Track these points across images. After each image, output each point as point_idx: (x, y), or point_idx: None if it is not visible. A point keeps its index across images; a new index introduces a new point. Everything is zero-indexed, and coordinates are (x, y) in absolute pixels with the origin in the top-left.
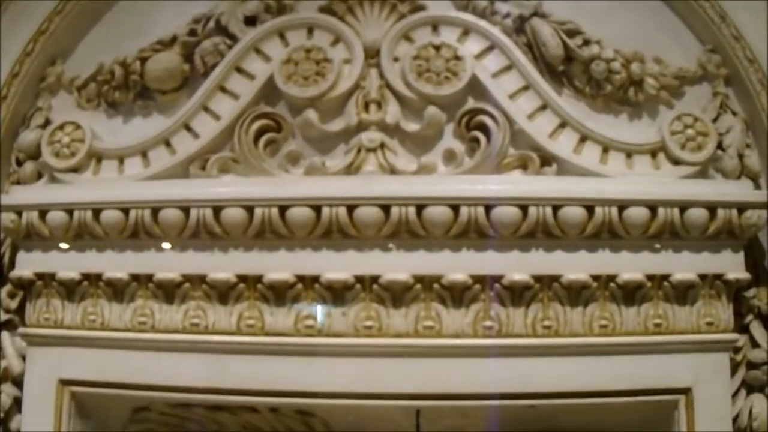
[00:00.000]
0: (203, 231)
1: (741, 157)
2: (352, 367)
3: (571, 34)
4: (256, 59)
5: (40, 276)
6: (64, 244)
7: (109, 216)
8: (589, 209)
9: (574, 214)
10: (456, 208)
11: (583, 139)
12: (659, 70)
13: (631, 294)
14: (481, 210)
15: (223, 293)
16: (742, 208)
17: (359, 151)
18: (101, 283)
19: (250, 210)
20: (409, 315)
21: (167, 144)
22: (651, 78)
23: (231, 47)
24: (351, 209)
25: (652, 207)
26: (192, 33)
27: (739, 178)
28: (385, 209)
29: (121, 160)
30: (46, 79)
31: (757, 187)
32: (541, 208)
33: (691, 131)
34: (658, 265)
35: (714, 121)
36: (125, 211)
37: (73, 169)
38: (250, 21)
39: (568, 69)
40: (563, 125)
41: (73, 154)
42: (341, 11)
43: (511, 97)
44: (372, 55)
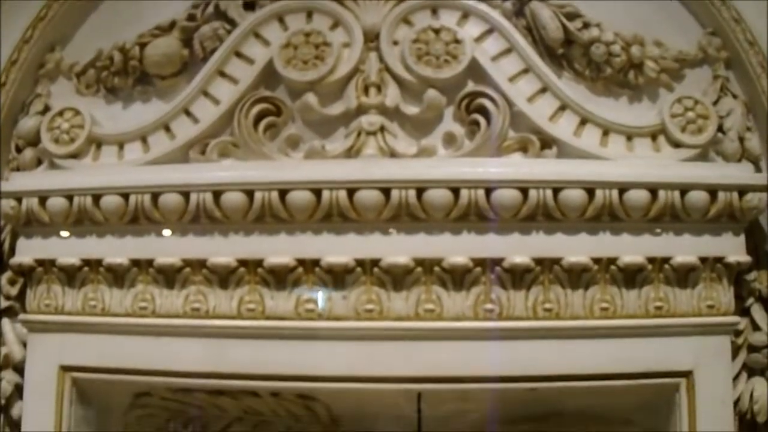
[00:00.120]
0: (203, 215)
1: (741, 140)
2: (353, 351)
3: (571, 17)
4: (256, 44)
5: (40, 262)
6: (64, 232)
7: (109, 201)
8: (590, 192)
9: (574, 196)
10: (456, 191)
11: (584, 121)
12: (659, 53)
13: (631, 277)
14: (481, 193)
15: (223, 278)
16: (742, 191)
17: (359, 134)
18: (101, 268)
19: (250, 194)
20: (410, 298)
21: (167, 129)
22: (651, 61)
23: (230, 32)
24: (351, 192)
25: (653, 190)
26: (191, 18)
27: (739, 161)
28: (386, 192)
29: (120, 146)
30: (45, 65)
31: (758, 170)
32: (541, 191)
33: (691, 114)
34: (659, 248)
35: (714, 104)
36: (125, 196)
37: (73, 155)
38: (249, 6)
39: (567, 52)
40: (563, 108)
41: (72, 140)
42: None
43: (510, 80)
44: (371, 38)
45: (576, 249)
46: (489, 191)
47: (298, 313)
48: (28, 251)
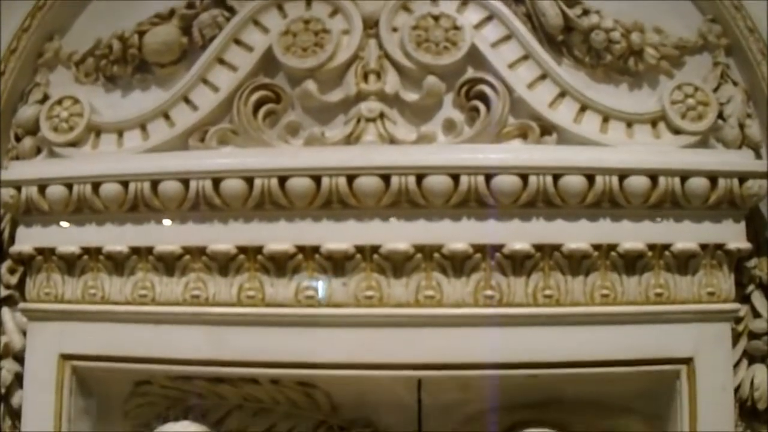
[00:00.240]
0: (203, 203)
1: (742, 126)
2: (352, 338)
3: (570, 3)
4: (255, 31)
5: (40, 251)
6: (64, 223)
7: (109, 189)
8: (590, 178)
9: (574, 182)
10: (456, 178)
11: (583, 108)
12: (659, 40)
13: (632, 263)
14: (481, 179)
15: (223, 265)
16: (743, 177)
17: (359, 121)
18: (101, 256)
19: (249, 181)
20: (410, 285)
21: (166, 117)
22: (651, 48)
23: (229, 19)
24: (351, 179)
25: (653, 176)
26: (190, 6)
27: (740, 148)
28: (385, 179)
29: (120, 134)
30: (43, 54)
31: (758, 156)
32: (541, 177)
33: (691, 101)
34: (659, 235)
35: (714, 90)
36: (124, 184)
37: (72, 144)
38: None
39: (567, 39)
40: (563, 95)
41: (71, 129)
42: None
43: (510, 66)
44: (371, 25)
45: (576, 235)
46: (489, 177)
47: (298, 300)
48: (27, 240)
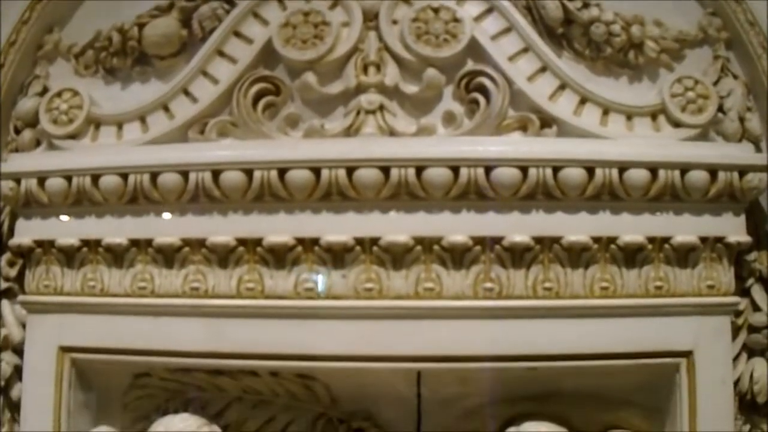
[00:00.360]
0: (202, 195)
1: (742, 120)
2: (352, 330)
3: None
4: (254, 23)
5: (39, 243)
6: (64, 216)
7: (108, 181)
8: (590, 171)
9: (574, 175)
10: (456, 170)
11: (583, 101)
12: (659, 33)
13: (631, 256)
14: (480, 171)
15: (222, 257)
16: (743, 170)
17: (358, 113)
18: (101, 249)
19: (249, 173)
20: (410, 277)
21: (166, 109)
22: (651, 41)
23: (229, 12)
24: (350, 171)
25: (653, 169)
26: None
27: (740, 142)
28: (385, 171)
29: (119, 126)
30: (43, 47)
31: (758, 150)
32: (541, 170)
33: (691, 94)
34: (659, 228)
35: (715, 84)
36: (124, 176)
37: (72, 136)
38: None
39: (567, 31)
40: (563, 87)
41: (71, 121)
42: None
43: (510, 59)
44: (370, 18)
45: (576, 228)
46: (488, 170)
47: (298, 292)
48: (27, 232)
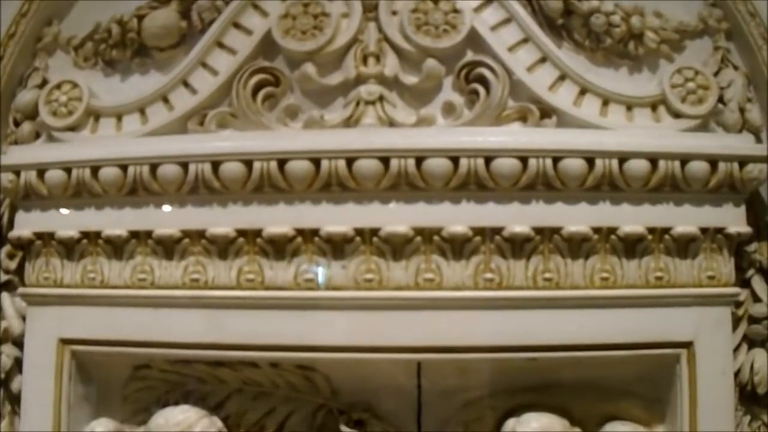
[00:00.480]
0: (202, 186)
1: (742, 111)
2: (352, 321)
3: None
4: (254, 14)
5: (39, 235)
6: (64, 210)
7: (108, 173)
8: (590, 161)
9: (574, 165)
10: (455, 160)
11: (583, 91)
12: (659, 24)
13: (632, 247)
14: (480, 162)
15: (222, 248)
16: (743, 161)
17: (358, 104)
18: (100, 240)
19: (248, 164)
20: (410, 267)
21: (165, 100)
22: (651, 32)
23: (228, 3)
24: (350, 162)
25: (653, 159)
26: None
27: (740, 132)
28: (385, 161)
29: (119, 118)
30: (42, 39)
31: (759, 141)
32: (541, 160)
33: (691, 84)
34: (659, 218)
35: (715, 75)
36: (124, 167)
37: (71, 128)
38: None
39: (567, 22)
40: (563, 78)
41: (70, 113)
42: None
43: (510, 49)
44: (370, 9)
45: (576, 218)
46: (488, 160)
47: (297, 283)
48: (26, 224)
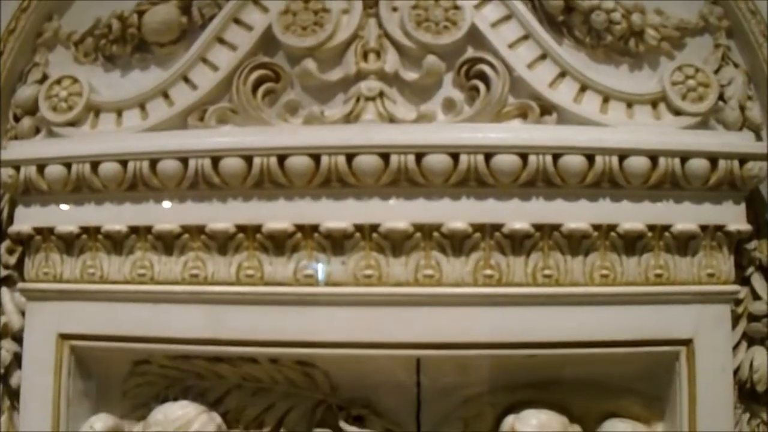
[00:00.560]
0: (202, 181)
1: (742, 109)
2: (351, 317)
3: None
4: (254, 10)
5: (38, 231)
6: (64, 205)
7: (108, 168)
8: (590, 158)
9: (574, 162)
10: (455, 157)
11: (584, 88)
12: (660, 21)
13: (631, 244)
14: (480, 158)
15: (222, 244)
16: (743, 159)
17: (358, 100)
18: (100, 236)
19: (248, 160)
20: (409, 263)
21: (165, 96)
22: (652, 29)
23: None
24: (350, 158)
25: (653, 156)
26: None
27: (740, 130)
28: (385, 157)
29: (119, 113)
30: (43, 34)
31: (759, 138)
32: (541, 157)
33: (692, 82)
34: (659, 215)
35: (715, 72)
36: (123, 163)
37: (71, 123)
38: None
39: (567, 19)
40: (563, 75)
41: (70, 108)
42: None
43: (510, 46)
44: (370, 5)
45: (576, 215)
46: (488, 157)
47: (297, 279)
48: (26, 220)
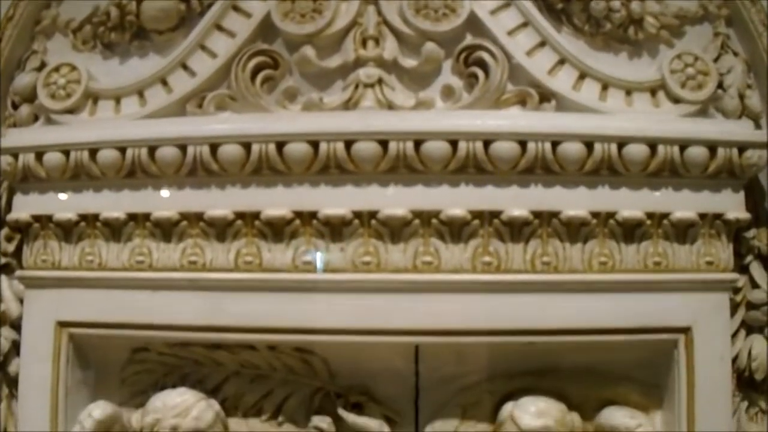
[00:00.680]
0: (200, 168)
1: (742, 97)
2: (350, 303)
3: None
4: None
5: (37, 218)
6: (62, 193)
7: (106, 155)
8: (589, 145)
9: (573, 149)
10: (454, 143)
11: (583, 76)
12: (659, 10)
13: (630, 231)
14: (479, 145)
15: (220, 230)
16: (742, 147)
17: (357, 86)
18: (98, 223)
19: (247, 146)
20: (408, 250)
21: (164, 83)
22: (651, 17)
23: None
24: (349, 144)
25: (652, 144)
26: None
27: (739, 118)
28: (383, 144)
29: (117, 100)
30: (41, 22)
31: (758, 127)
32: (539, 144)
33: (691, 70)
34: (658, 203)
35: (715, 61)
36: (122, 150)
37: (70, 110)
38: None
39: (567, 7)
40: (562, 62)
41: (69, 96)
42: None
43: (509, 33)
44: None
45: (574, 202)
46: (487, 143)
47: (296, 265)
48: (24, 207)
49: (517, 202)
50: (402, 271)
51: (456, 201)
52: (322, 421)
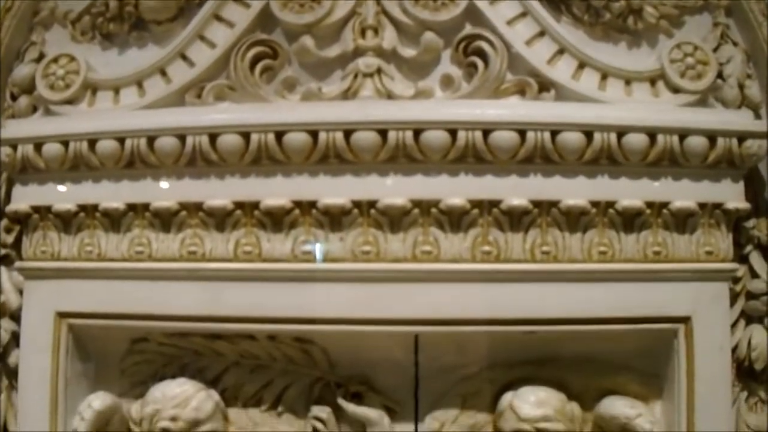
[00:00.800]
0: (199, 158)
1: (741, 87)
2: (349, 293)
3: None
4: None
5: (36, 209)
6: (61, 184)
7: (105, 146)
8: (588, 135)
9: (572, 139)
10: (453, 133)
11: (582, 65)
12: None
13: (630, 221)
14: (478, 134)
15: (219, 220)
16: (742, 137)
17: (356, 76)
18: (97, 213)
19: (246, 136)
20: (407, 240)
21: (163, 73)
22: (650, 7)
23: None
24: (348, 134)
25: (651, 134)
26: None
27: (739, 108)
28: (383, 134)
29: (116, 91)
30: (39, 13)
31: (758, 117)
32: (539, 133)
33: (690, 59)
34: (658, 193)
35: (714, 51)
36: (121, 140)
37: (68, 101)
38: None
39: None
40: (561, 52)
41: (67, 86)
42: None
43: (509, 23)
44: None
45: (574, 192)
46: (486, 133)
47: (295, 255)
48: (23, 198)
49: (516, 191)
50: (401, 260)
51: (455, 190)
52: (322, 411)
